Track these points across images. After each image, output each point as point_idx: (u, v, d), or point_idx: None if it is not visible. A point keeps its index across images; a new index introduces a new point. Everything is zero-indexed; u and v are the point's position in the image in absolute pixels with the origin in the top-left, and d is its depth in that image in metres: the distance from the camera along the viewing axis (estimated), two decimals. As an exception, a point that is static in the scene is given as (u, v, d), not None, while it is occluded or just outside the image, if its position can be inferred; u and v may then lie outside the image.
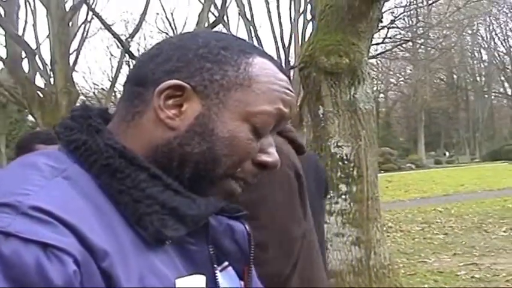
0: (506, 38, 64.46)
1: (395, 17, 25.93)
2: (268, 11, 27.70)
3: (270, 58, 1.18)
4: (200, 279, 1.08)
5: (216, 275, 1.15)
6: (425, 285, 8.59)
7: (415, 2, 29.09)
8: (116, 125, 1.14)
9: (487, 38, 65.22)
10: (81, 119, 1.11)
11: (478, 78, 70.27)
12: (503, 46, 65.65)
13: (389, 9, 24.62)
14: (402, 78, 59.54)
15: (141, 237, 1.02)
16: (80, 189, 1.00)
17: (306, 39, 21.43)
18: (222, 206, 1.22)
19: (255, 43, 17.82)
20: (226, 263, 1.23)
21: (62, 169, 1.02)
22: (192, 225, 1.08)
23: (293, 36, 25.33)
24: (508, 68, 66.23)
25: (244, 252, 1.27)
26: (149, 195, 1.03)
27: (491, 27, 63.30)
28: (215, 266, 1.16)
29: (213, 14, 21.15)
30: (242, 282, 1.26)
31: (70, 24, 19.07)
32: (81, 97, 17.99)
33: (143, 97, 1.11)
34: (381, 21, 6.68)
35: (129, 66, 36.83)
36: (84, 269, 0.89)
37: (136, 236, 1.01)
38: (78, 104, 1.19)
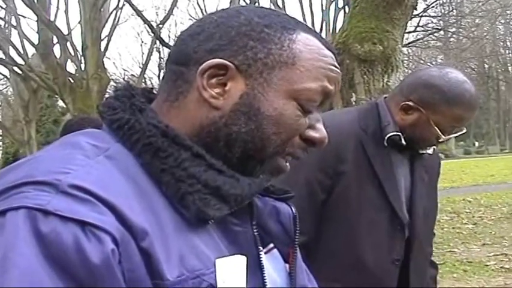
0: (539, 27, 63.65)
1: (428, 6, 25.68)
2: (299, -2, 27.62)
3: (315, 34, 1.16)
4: (240, 260, 1.06)
5: (261, 256, 1.14)
6: (454, 275, 8.52)
7: (448, -10, 28.83)
8: (159, 105, 1.13)
9: (520, 27, 64.45)
10: (124, 98, 1.10)
11: (509, 68, 69.38)
12: (537, 36, 64.80)
13: (422, -3, 24.38)
14: (433, 67, 58.88)
15: (183, 217, 1.01)
16: (121, 168, 0.99)
17: (337, 27, 21.32)
18: (268, 187, 1.21)
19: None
20: (271, 245, 1.22)
21: (105, 148, 1.02)
22: (235, 205, 1.07)
23: (324, 24, 25.22)
24: (540, 58, 65.49)
25: (289, 234, 1.26)
26: (191, 174, 1.02)
27: (524, 17, 62.55)
28: (259, 247, 1.15)
29: (244, 1, 21.13)
30: (287, 265, 1.25)
31: (101, 10, 19.15)
32: (112, 83, 17.99)
33: (186, 77, 1.09)
34: (416, 9, 6.62)
35: (159, 52, 36.97)
36: (123, 247, 0.89)
37: (178, 216, 1.00)
38: (121, 84, 1.16)
